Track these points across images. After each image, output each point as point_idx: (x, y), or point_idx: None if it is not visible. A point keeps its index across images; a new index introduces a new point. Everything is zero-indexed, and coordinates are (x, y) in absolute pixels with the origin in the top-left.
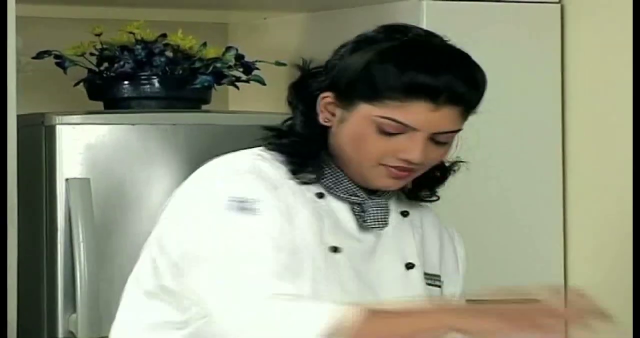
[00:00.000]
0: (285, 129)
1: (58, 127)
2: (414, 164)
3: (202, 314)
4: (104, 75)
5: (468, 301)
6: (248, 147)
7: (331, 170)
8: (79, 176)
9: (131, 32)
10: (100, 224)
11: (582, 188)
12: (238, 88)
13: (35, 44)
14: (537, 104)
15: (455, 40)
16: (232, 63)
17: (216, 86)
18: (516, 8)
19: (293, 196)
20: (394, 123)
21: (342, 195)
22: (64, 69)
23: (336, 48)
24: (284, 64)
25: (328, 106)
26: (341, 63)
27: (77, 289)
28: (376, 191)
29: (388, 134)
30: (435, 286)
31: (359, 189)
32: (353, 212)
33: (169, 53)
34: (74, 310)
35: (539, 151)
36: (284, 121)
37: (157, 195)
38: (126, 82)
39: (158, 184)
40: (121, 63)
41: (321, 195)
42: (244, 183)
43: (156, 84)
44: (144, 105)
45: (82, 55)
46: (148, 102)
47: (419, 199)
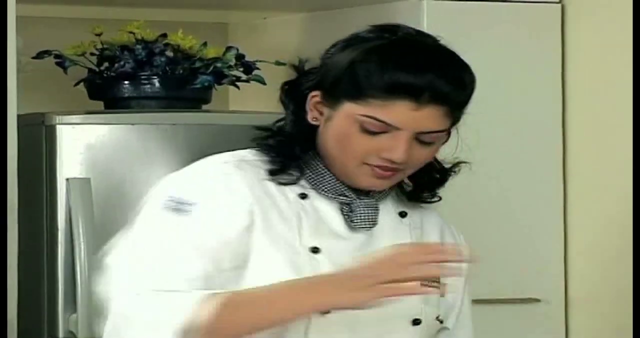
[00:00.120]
0: (274, 129)
1: (58, 127)
2: (397, 164)
3: None
4: (104, 75)
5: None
6: (248, 147)
7: (319, 170)
8: (79, 176)
9: (131, 32)
10: (100, 224)
11: (583, 188)
12: (238, 88)
13: (35, 44)
14: (538, 104)
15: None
16: (233, 63)
17: (216, 86)
18: (516, 8)
19: (270, 198)
20: (377, 122)
21: (331, 195)
22: (64, 69)
23: (328, 47)
24: (284, 64)
25: (317, 105)
26: (329, 62)
27: (77, 289)
28: (368, 192)
29: (371, 133)
30: (432, 286)
31: (348, 189)
32: (342, 212)
33: (170, 53)
34: (74, 310)
35: (540, 151)
36: (276, 121)
37: None
38: (126, 82)
39: None
40: (121, 63)
41: (304, 196)
42: (189, 185)
43: (156, 84)
44: (144, 105)
45: (83, 55)
46: (148, 102)
47: (420, 201)
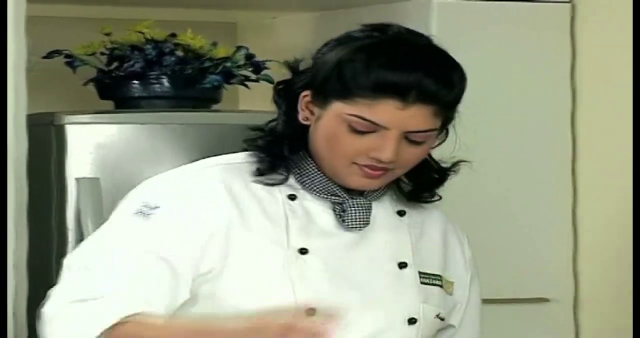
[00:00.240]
0: (266, 129)
1: (67, 127)
2: (386, 163)
3: None
4: (113, 74)
5: None
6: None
7: (310, 170)
8: (89, 176)
9: (141, 32)
10: None
11: (592, 187)
12: (248, 87)
13: (44, 44)
14: (547, 103)
15: (464, 39)
16: (242, 62)
17: (226, 86)
18: (526, 7)
19: (256, 201)
20: (364, 121)
21: (322, 195)
22: (74, 69)
23: (320, 46)
24: None
25: (308, 105)
26: (320, 61)
27: None
28: (362, 191)
29: (360, 133)
30: (433, 285)
31: (339, 189)
32: (334, 212)
33: (179, 52)
34: None
35: (549, 150)
36: (269, 121)
37: None
38: (136, 82)
39: None
40: (131, 62)
41: (293, 197)
42: (159, 189)
43: (166, 84)
44: (154, 104)
45: (93, 54)
46: (158, 102)
47: (419, 200)
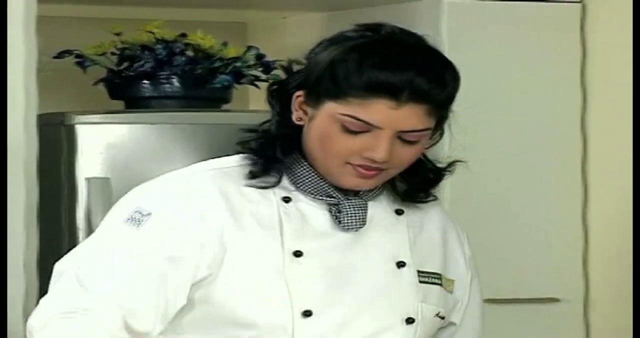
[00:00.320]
0: (259, 130)
1: (78, 127)
2: (380, 163)
3: None
4: (123, 74)
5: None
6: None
7: (305, 171)
8: (99, 175)
9: (151, 32)
10: None
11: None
12: (258, 87)
13: (55, 44)
14: (557, 103)
15: (474, 39)
16: (252, 62)
17: (236, 86)
18: (536, 7)
19: (249, 205)
20: (357, 121)
21: (317, 196)
22: (84, 69)
23: (313, 46)
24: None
25: (301, 105)
26: (312, 61)
27: None
28: (357, 191)
29: (353, 133)
30: (432, 284)
31: (334, 190)
32: (330, 213)
33: (190, 52)
34: None
35: (559, 150)
36: (262, 122)
37: None
38: (146, 82)
39: None
40: (142, 62)
41: (287, 199)
42: (150, 195)
43: (176, 84)
44: (164, 104)
45: (103, 54)
46: (168, 102)
47: (414, 200)
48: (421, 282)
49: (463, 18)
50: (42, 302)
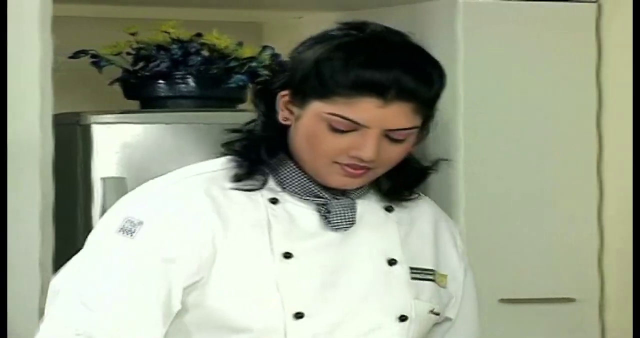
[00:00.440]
0: (244, 131)
1: (93, 127)
2: (367, 162)
3: None
4: (138, 74)
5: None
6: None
7: (291, 172)
8: (115, 175)
9: (166, 32)
10: None
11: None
12: None
13: (71, 44)
14: (573, 103)
15: (490, 39)
16: (268, 62)
17: (252, 85)
18: (552, 7)
19: (237, 208)
20: (344, 120)
21: (305, 197)
22: (99, 68)
23: (297, 45)
24: None
25: (287, 105)
26: (297, 60)
27: None
28: (344, 191)
29: (340, 132)
30: (425, 280)
31: (322, 190)
32: (319, 213)
33: (205, 52)
34: None
35: (575, 150)
36: (247, 122)
37: None
38: (161, 81)
39: None
40: (157, 62)
41: (274, 200)
42: (140, 205)
43: (191, 83)
44: (180, 104)
45: (118, 54)
46: (183, 101)
47: (399, 199)
48: (413, 279)
49: (478, 18)
50: (46, 325)
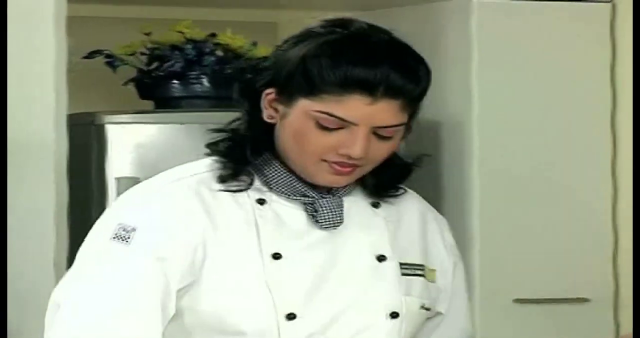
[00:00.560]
0: (227, 131)
1: (108, 126)
2: (356, 160)
3: None
4: (152, 74)
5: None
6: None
7: (277, 171)
8: (129, 175)
9: (180, 32)
10: None
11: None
12: None
13: (85, 44)
14: (587, 103)
15: (504, 39)
16: None
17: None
18: (566, 7)
19: (225, 210)
20: (332, 118)
21: (292, 196)
22: (114, 69)
23: (280, 42)
24: None
25: (272, 103)
26: (281, 58)
27: None
28: (330, 189)
29: (328, 129)
30: (415, 275)
31: (309, 189)
32: (306, 212)
33: (219, 52)
34: None
35: (589, 150)
36: (230, 121)
37: None
38: (176, 82)
39: None
40: (171, 62)
41: (262, 201)
42: (132, 210)
43: (206, 83)
44: (194, 104)
45: (133, 54)
46: (198, 101)
47: (384, 195)
48: (404, 275)
49: (492, 18)
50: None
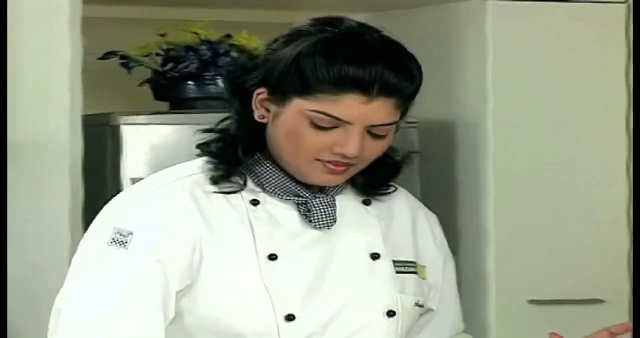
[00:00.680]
0: (217, 131)
1: (123, 127)
2: (350, 158)
3: None
4: (168, 75)
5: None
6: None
7: (269, 171)
8: (144, 176)
9: (195, 33)
10: None
11: None
12: None
13: (100, 45)
14: (602, 103)
15: (519, 39)
16: None
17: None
18: (581, 8)
19: (219, 212)
20: (327, 117)
21: (285, 197)
22: (129, 69)
23: (269, 42)
24: None
25: (263, 102)
26: (272, 57)
27: None
28: (322, 188)
29: (323, 129)
30: (408, 273)
31: (301, 188)
32: (299, 212)
33: (234, 53)
34: None
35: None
36: (220, 121)
37: None
38: (191, 82)
39: None
40: (186, 63)
41: (255, 202)
42: (129, 214)
43: (221, 84)
44: (209, 105)
45: (148, 55)
46: (213, 102)
47: (375, 193)
48: (398, 272)
49: (507, 18)
50: None
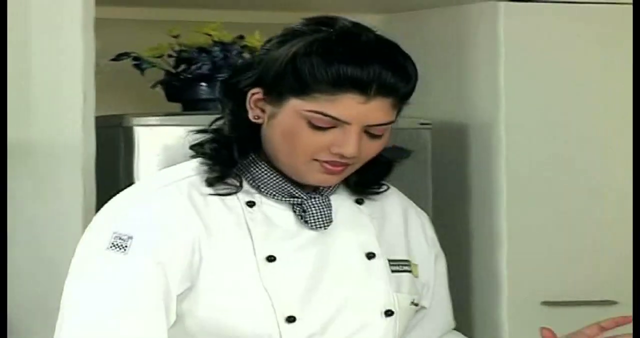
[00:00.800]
0: (211, 131)
1: (135, 129)
2: (348, 158)
3: None
4: (181, 76)
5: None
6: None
7: (264, 172)
8: None
9: (208, 34)
10: None
11: None
12: None
13: (113, 46)
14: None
15: (531, 40)
16: None
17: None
18: (592, 8)
19: (216, 214)
20: (325, 117)
21: (280, 197)
22: (142, 71)
23: (263, 42)
24: None
25: (258, 103)
26: (267, 58)
27: None
28: (317, 188)
29: (320, 129)
30: (403, 272)
31: (296, 189)
32: (295, 213)
33: (246, 54)
34: None
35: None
36: (213, 121)
37: None
38: (203, 84)
39: None
40: (199, 64)
41: (251, 203)
42: (127, 217)
43: None
44: None
45: (160, 57)
46: None
47: (368, 192)
48: (393, 272)
49: (519, 20)
50: None
